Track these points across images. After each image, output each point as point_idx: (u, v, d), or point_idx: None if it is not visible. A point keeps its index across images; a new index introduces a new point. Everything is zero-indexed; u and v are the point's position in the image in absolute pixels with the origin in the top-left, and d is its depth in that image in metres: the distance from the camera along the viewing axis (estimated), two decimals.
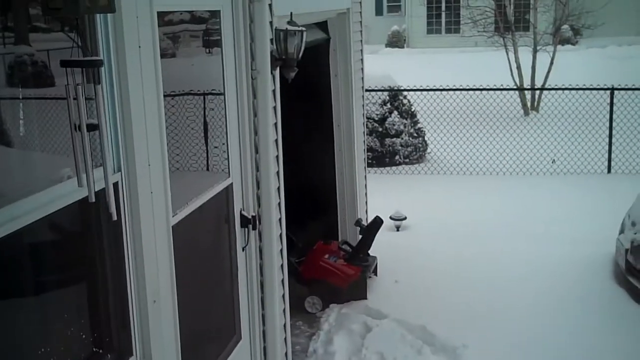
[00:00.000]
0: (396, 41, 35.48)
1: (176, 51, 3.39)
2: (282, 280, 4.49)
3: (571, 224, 8.95)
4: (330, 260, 6.73)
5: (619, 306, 6.60)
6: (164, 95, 2.84)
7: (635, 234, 6.87)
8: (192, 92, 3.52)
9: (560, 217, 9.26)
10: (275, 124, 4.28)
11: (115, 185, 2.52)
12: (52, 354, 2.25)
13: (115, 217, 2.34)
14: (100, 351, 2.52)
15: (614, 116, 12.52)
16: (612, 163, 12.28)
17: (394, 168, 12.71)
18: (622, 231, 7.30)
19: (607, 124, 12.55)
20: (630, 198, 7.65)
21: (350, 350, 5.72)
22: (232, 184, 3.81)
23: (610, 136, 12.37)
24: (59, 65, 2.17)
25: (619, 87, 12.74)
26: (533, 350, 5.77)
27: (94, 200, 2.20)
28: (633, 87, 12.91)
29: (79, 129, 2.16)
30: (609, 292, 6.89)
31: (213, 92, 3.70)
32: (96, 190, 2.27)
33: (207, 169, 3.74)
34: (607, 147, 12.37)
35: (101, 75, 2.39)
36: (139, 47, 2.60)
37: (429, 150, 13.50)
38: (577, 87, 13.19)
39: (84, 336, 2.47)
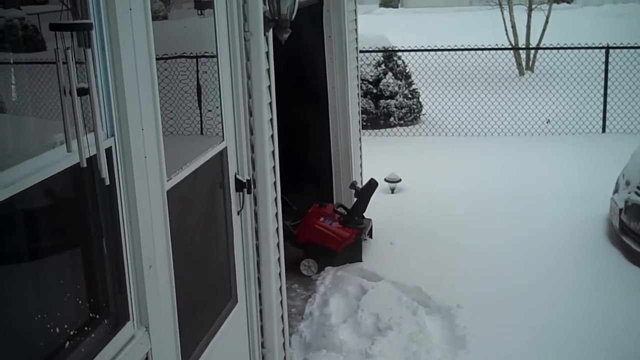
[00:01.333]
0: (390, 1, 35.18)
1: (168, 13, 3.34)
2: (278, 244, 4.49)
3: (566, 183, 8.98)
4: (325, 223, 6.75)
5: (612, 265, 6.66)
6: (156, 59, 2.80)
7: (629, 193, 6.89)
8: (184, 54, 3.47)
9: (555, 177, 9.29)
10: (269, 86, 4.24)
11: (109, 150, 2.50)
12: (48, 320, 2.25)
13: (107, 182, 2.32)
14: (97, 316, 2.52)
15: (609, 75, 12.48)
16: (607, 122, 12.29)
17: (388, 130, 12.69)
18: (616, 191, 7.32)
19: (602, 83, 12.51)
20: (625, 157, 7.66)
21: (346, 312, 5.76)
22: (226, 147, 3.79)
23: (605, 95, 12.35)
24: (49, 29, 2.13)
25: (614, 45, 12.68)
26: (526, 309, 5.83)
27: (85, 165, 2.17)
28: (628, 45, 12.84)
29: (69, 94, 2.13)
30: (602, 251, 6.95)
31: (206, 54, 3.66)
32: (89, 155, 2.25)
33: (201, 133, 3.71)
34: (602, 107, 12.36)
35: (92, 39, 2.35)
36: (130, 9, 2.56)
37: (423, 111, 13.48)
38: (572, 46, 13.12)
39: (80, 302, 2.47)
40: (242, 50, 3.93)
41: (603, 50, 12.55)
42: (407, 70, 13.38)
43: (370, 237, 7.27)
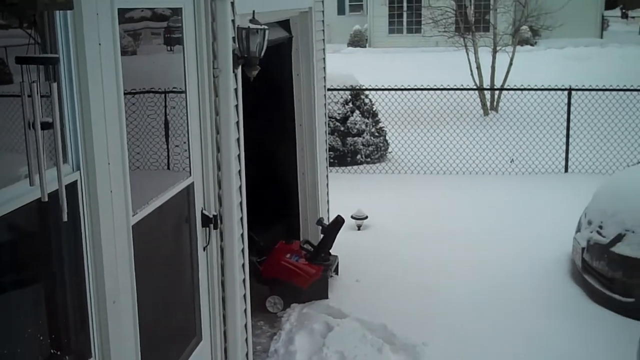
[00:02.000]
0: (358, 40, 35.59)
1: (137, 49, 3.35)
2: (244, 280, 4.47)
3: (529, 223, 9.07)
4: (291, 260, 6.73)
5: (575, 304, 6.71)
6: (125, 93, 2.80)
7: (591, 232, 6.98)
8: (153, 90, 3.48)
9: (518, 216, 9.39)
10: (237, 122, 4.26)
11: (74, 184, 2.48)
12: (9, 356, 2.21)
13: (65, 218, 2.29)
14: (59, 353, 2.48)
15: (572, 116, 12.72)
16: (570, 162, 12.49)
17: (355, 167, 12.75)
18: (578, 230, 7.42)
19: (565, 124, 12.75)
20: (587, 197, 7.77)
21: (312, 350, 5.72)
22: (193, 182, 3.78)
23: (568, 136, 12.57)
24: (15, 62, 2.13)
25: (577, 87, 12.95)
26: (490, 348, 5.84)
27: (46, 199, 2.16)
28: (590, 87, 13.13)
29: (33, 127, 2.12)
30: (565, 291, 7.01)
31: (174, 90, 3.67)
32: (52, 190, 2.23)
33: (168, 168, 3.70)
34: (564, 147, 12.57)
35: (60, 73, 2.35)
36: (99, 44, 2.57)
37: (390, 149, 13.57)
38: (535, 87, 13.38)
39: (41, 338, 2.43)
40: (211, 87, 3.96)
41: (566, 92, 12.81)
42: (374, 109, 13.51)
43: (337, 273, 7.26)
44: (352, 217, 8.91)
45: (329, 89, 8.70)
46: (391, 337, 5.95)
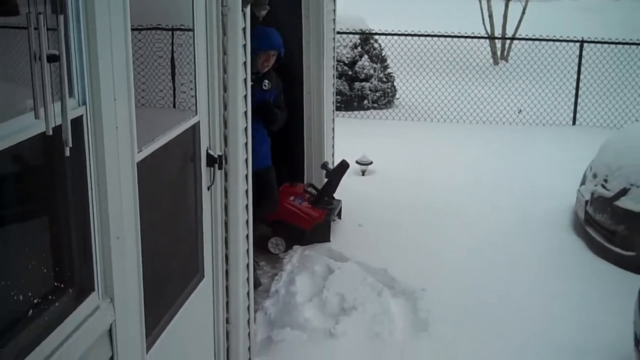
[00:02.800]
0: None
1: None
2: (247, 221, 4.50)
3: (534, 174, 9.08)
4: (295, 202, 6.76)
5: (576, 256, 6.77)
6: (132, 29, 2.77)
7: (595, 185, 6.99)
8: (160, 26, 3.44)
9: (523, 167, 9.39)
10: (245, 63, 4.22)
11: (80, 118, 2.47)
12: (12, 288, 2.23)
13: (68, 153, 2.28)
14: (62, 285, 2.51)
15: (582, 69, 12.60)
16: (578, 115, 12.43)
17: (362, 112, 12.71)
18: (583, 182, 7.43)
19: (575, 77, 12.64)
20: (593, 150, 7.76)
21: (312, 291, 5.79)
22: (199, 122, 3.77)
23: (577, 88, 12.48)
24: None
25: (589, 39, 12.80)
26: (489, 296, 5.91)
27: (50, 133, 2.15)
28: (602, 40, 12.97)
29: (39, 60, 2.10)
30: (567, 242, 7.06)
31: (182, 27, 3.62)
32: (57, 124, 2.22)
33: (174, 106, 3.69)
34: (573, 100, 12.49)
35: (66, 5, 2.32)
36: None
37: (397, 95, 13.50)
38: (547, 37, 13.22)
39: (44, 270, 2.46)
40: (219, 25, 3.91)
41: (577, 44, 12.66)
42: (383, 54, 13.38)
43: (340, 218, 7.30)
44: (356, 162, 8.92)
45: (338, 32, 8.60)
46: (391, 281, 6.02)
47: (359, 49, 12.92)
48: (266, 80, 6.06)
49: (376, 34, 13.31)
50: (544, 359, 5.10)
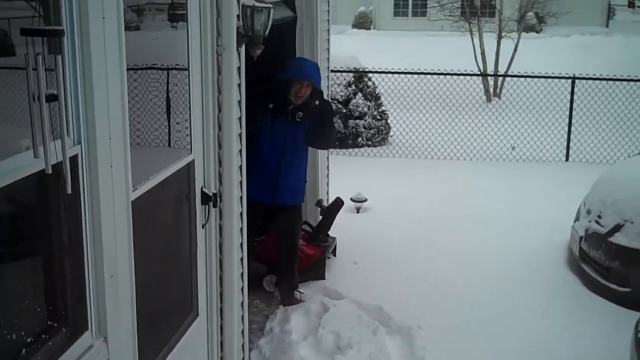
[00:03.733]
0: (363, 22, 35.47)
1: (140, 24, 3.35)
2: (242, 259, 4.49)
3: (528, 211, 9.09)
4: None
5: (572, 292, 6.74)
6: (127, 69, 2.80)
7: (589, 222, 7.00)
8: (155, 66, 3.47)
9: (517, 204, 9.41)
10: (240, 101, 4.26)
11: (75, 157, 2.49)
12: (5, 327, 2.23)
13: (69, 191, 2.30)
14: (55, 325, 2.50)
15: (574, 105, 12.70)
16: (571, 151, 12.49)
17: (356, 150, 12.76)
18: (577, 219, 7.43)
19: (567, 113, 12.73)
20: (587, 186, 7.78)
21: (307, 330, 5.76)
22: (194, 160, 3.79)
23: (570, 125, 12.56)
24: (20, 33, 2.13)
25: (580, 76, 12.92)
26: (484, 333, 5.87)
27: (50, 172, 2.17)
28: (594, 77, 13.10)
29: (37, 100, 2.13)
30: (562, 279, 7.04)
31: (177, 67, 3.66)
32: (55, 162, 2.24)
33: (169, 145, 3.71)
34: (566, 136, 12.56)
35: (63, 46, 2.35)
36: (103, 18, 2.56)
37: (391, 133, 13.57)
38: (539, 75, 13.35)
39: (38, 309, 2.45)
40: (214, 64, 3.95)
41: (569, 80, 12.78)
42: (376, 92, 13.48)
43: (334, 255, 7.28)
44: (351, 199, 8.93)
45: (332, 71, 8.67)
46: (387, 319, 5.99)
47: (353, 87, 13.02)
48: (300, 113, 5.92)
49: (370, 72, 13.42)
50: None
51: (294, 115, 5.91)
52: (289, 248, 6.31)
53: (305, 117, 5.94)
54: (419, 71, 13.35)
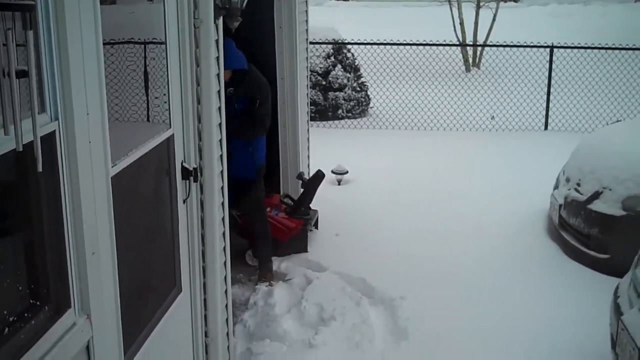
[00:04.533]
0: None
1: None
2: (223, 233, 4.48)
3: (508, 179, 9.15)
4: (271, 214, 6.75)
5: (551, 260, 6.83)
6: (104, 44, 2.76)
7: (569, 190, 7.06)
8: (132, 40, 3.43)
9: (497, 173, 9.47)
10: (218, 74, 4.22)
11: (52, 134, 2.46)
12: None
13: (40, 169, 2.26)
14: (37, 303, 2.48)
15: (553, 74, 12.74)
16: (550, 120, 12.55)
17: (336, 122, 12.74)
18: (556, 187, 7.50)
19: (546, 82, 12.77)
20: (566, 155, 7.84)
21: (291, 302, 5.78)
22: (173, 135, 3.75)
23: (549, 93, 12.61)
24: None
25: (559, 45, 12.95)
26: (467, 303, 5.93)
27: (21, 149, 2.14)
28: (572, 45, 13.13)
29: (7, 76, 2.09)
30: (542, 246, 7.12)
31: (154, 41, 3.61)
32: (29, 141, 2.20)
33: (148, 120, 3.67)
34: (545, 105, 12.62)
35: (36, 21, 2.30)
36: None
37: (371, 104, 13.56)
38: (517, 44, 13.36)
39: (20, 288, 2.43)
40: (192, 38, 3.90)
41: (548, 49, 12.81)
42: (356, 63, 13.44)
43: (316, 228, 7.30)
44: (332, 171, 8.94)
45: (311, 42, 8.62)
46: (369, 290, 6.03)
47: (332, 58, 12.96)
48: (231, 88, 5.97)
49: (349, 43, 13.36)
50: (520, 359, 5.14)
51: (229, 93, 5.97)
52: (253, 223, 6.36)
53: (236, 92, 6.02)
54: (398, 42, 13.31)
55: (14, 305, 2.36)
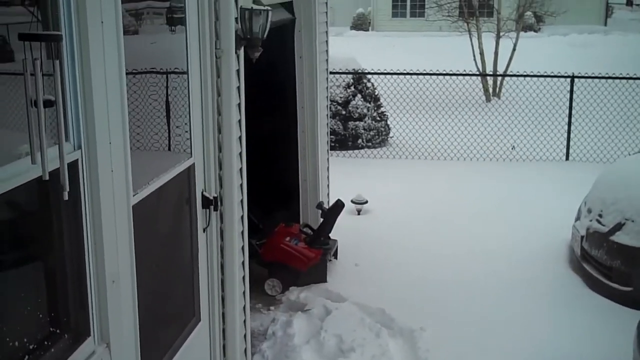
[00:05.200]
0: (361, 24, 35.47)
1: (139, 28, 3.34)
2: (243, 262, 4.48)
3: (529, 210, 9.07)
4: (291, 243, 6.73)
5: (573, 292, 6.73)
6: (126, 73, 2.79)
7: (590, 221, 6.98)
8: (154, 70, 3.46)
9: (518, 204, 9.39)
10: (239, 104, 4.25)
11: (75, 162, 2.48)
12: (7, 333, 2.21)
13: (66, 198, 2.28)
14: (58, 331, 2.49)
15: (574, 104, 12.68)
16: (571, 150, 12.47)
17: (356, 151, 12.73)
18: (578, 218, 7.42)
19: (567, 112, 12.71)
20: (587, 185, 7.77)
21: (310, 333, 5.74)
22: (194, 164, 3.77)
23: (570, 123, 12.53)
24: (17, 39, 2.12)
25: (579, 75, 12.90)
26: (487, 334, 5.86)
27: (47, 178, 2.16)
28: (593, 75, 13.08)
29: (35, 105, 2.12)
30: (564, 279, 7.02)
31: (176, 70, 3.65)
32: (54, 168, 2.22)
33: (169, 149, 3.70)
34: (566, 135, 12.54)
35: (62, 51, 2.34)
36: (102, 22, 2.55)
37: (391, 134, 13.55)
38: (538, 74, 13.33)
39: (40, 316, 2.44)
40: (213, 68, 3.94)
41: (568, 79, 12.77)
42: (376, 93, 13.47)
43: (336, 257, 7.27)
44: (352, 201, 8.91)
45: (331, 72, 8.67)
46: (389, 321, 5.97)
47: (352, 88, 13.00)
48: None
49: (369, 73, 13.40)
50: None
51: None
52: None
53: None
54: (418, 72, 13.34)
55: (34, 332, 2.37)
